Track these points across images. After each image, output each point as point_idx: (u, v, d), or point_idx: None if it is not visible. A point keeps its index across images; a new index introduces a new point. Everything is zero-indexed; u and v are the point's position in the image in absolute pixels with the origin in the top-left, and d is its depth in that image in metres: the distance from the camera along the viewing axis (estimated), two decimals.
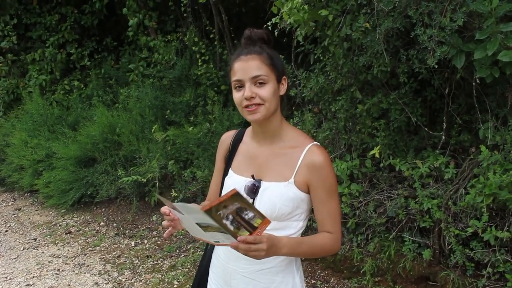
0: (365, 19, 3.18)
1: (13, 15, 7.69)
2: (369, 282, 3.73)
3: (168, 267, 4.50)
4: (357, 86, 3.79)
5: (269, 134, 1.71)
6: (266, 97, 1.59)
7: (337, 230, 1.67)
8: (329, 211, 1.65)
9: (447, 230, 3.32)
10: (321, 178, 1.63)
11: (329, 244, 1.65)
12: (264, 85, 1.59)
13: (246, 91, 1.58)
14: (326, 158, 1.64)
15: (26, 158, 6.49)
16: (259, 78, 1.58)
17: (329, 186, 1.64)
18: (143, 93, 6.20)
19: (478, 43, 2.76)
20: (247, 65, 1.59)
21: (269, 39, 1.68)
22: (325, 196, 1.64)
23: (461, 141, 3.56)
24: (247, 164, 1.76)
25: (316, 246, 1.64)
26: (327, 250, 1.68)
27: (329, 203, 1.65)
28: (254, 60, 1.59)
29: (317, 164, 1.62)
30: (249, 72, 1.59)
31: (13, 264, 4.81)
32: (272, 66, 1.61)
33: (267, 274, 1.70)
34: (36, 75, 7.58)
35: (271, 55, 1.63)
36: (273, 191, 1.65)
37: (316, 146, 1.66)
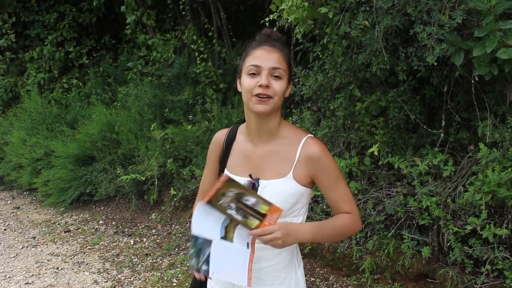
0: (364, 16, 3.18)
1: (11, 13, 7.68)
2: (368, 280, 3.74)
3: (167, 265, 4.50)
4: (356, 84, 3.80)
5: (265, 132, 1.70)
6: (278, 91, 1.61)
7: (354, 208, 1.71)
8: (340, 195, 1.69)
9: (446, 227, 3.32)
10: (323, 168, 1.65)
11: (350, 222, 1.68)
12: (279, 79, 1.61)
13: (263, 79, 1.59)
14: (323, 148, 1.66)
15: (24, 157, 6.49)
16: (277, 71, 1.61)
17: (332, 173, 1.67)
18: (142, 91, 6.19)
19: (477, 41, 2.76)
20: (269, 56, 1.61)
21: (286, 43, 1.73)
22: (331, 183, 1.67)
23: (460, 139, 3.56)
24: (242, 163, 1.75)
25: (339, 226, 1.67)
26: (350, 230, 1.72)
27: (337, 188, 1.68)
28: (276, 53, 1.62)
29: (315, 156, 1.64)
30: (269, 62, 1.60)
31: (12, 262, 4.81)
32: (289, 65, 1.66)
33: (272, 272, 1.72)
34: (35, 74, 7.57)
35: (288, 56, 1.69)
36: (273, 189, 1.65)
37: (311, 138, 1.68)
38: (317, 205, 3.99)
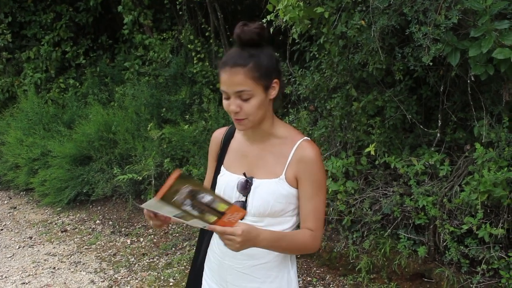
0: (360, 16, 3.18)
1: (8, 13, 7.65)
2: (365, 279, 3.74)
3: (164, 264, 4.50)
4: (352, 83, 3.80)
5: (259, 134, 1.69)
6: (250, 112, 1.55)
7: (319, 228, 1.65)
8: (314, 207, 1.64)
9: (442, 227, 3.33)
10: (309, 173, 1.61)
11: (309, 242, 1.63)
12: (249, 100, 1.54)
13: (231, 105, 1.55)
14: (316, 153, 1.62)
15: (21, 157, 6.47)
16: (242, 93, 1.53)
17: (316, 182, 1.62)
18: (139, 91, 6.19)
19: (473, 41, 2.77)
20: (231, 79, 1.52)
21: (262, 37, 1.56)
22: (311, 192, 1.62)
23: (456, 139, 3.57)
24: (238, 161, 1.74)
25: (296, 243, 1.63)
26: (307, 249, 1.67)
27: (315, 200, 1.63)
28: (238, 74, 1.51)
29: (306, 158, 1.61)
30: (233, 87, 1.53)
31: (9, 262, 4.80)
32: (258, 78, 1.53)
33: (263, 269, 1.71)
34: (31, 73, 7.55)
35: (259, 64, 1.54)
36: (265, 188, 1.64)
37: (307, 141, 1.64)
38: None
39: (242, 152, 1.75)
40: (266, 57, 1.56)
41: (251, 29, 1.54)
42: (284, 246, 1.61)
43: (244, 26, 1.54)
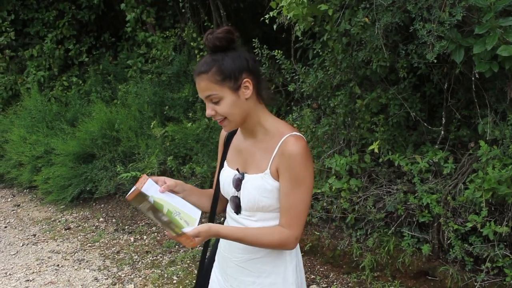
0: (364, 13, 3.17)
1: (11, 11, 7.67)
2: (368, 277, 3.74)
3: (168, 262, 4.50)
4: (356, 81, 3.79)
5: (248, 130, 1.72)
6: (224, 112, 1.61)
7: (293, 226, 1.62)
8: (289, 203, 1.62)
9: (446, 225, 3.32)
10: (288, 167, 1.60)
11: (279, 239, 1.63)
12: (219, 102, 1.61)
13: (207, 110, 1.64)
14: (299, 148, 1.59)
15: (24, 155, 6.49)
16: (211, 97, 1.60)
17: (295, 177, 1.60)
18: (142, 89, 6.19)
19: (477, 38, 2.76)
20: (199, 87, 1.62)
21: (227, 41, 1.61)
22: (288, 187, 1.61)
23: (460, 136, 3.56)
24: (236, 157, 1.80)
25: (263, 240, 1.64)
26: (279, 245, 1.66)
27: (292, 196, 1.61)
28: (202, 81, 1.60)
29: (286, 152, 1.60)
30: (202, 93, 1.62)
31: (13, 259, 4.81)
32: (221, 81, 1.59)
33: (257, 264, 1.74)
34: (34, 71, 7.56)
35: (221, 68, 1.59)
36: (252, 184, 1.68)
37: (293, 136, 1.62)
38: (317, 202, 4.00)
39: (239, 148, 1.79)
40: (230, 59, 1.60)
41: (214, 36, 1.60)
42: (251, 242, 1.64)
43: (209, 34, 1.61)
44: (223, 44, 1.61)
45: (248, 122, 1.69)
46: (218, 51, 1.62)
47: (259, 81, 1.67)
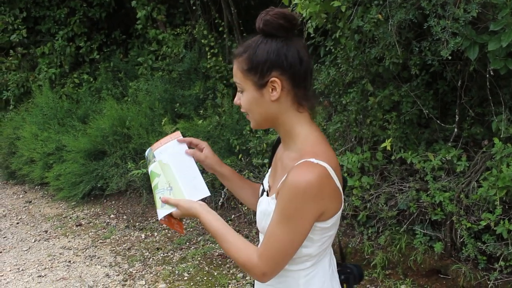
0: (377, 10, 3.15)
1: (23, 9, 7.72)
2: (380, 275, 3.73)
3: (179, 259, 4.51)
4: (368, 78, 3.78)
5: (282, 137, 1.51)
6: (245, 106, 1.42)
7: (264, 260, 1.37)
8: (269, 235, 1.37)
9: (459, 223, 3.30)
10: (283, 196, 1.34)
11: (241, 260, 1.41)
12: (242, 93, 1.42)
13: (236, 98, 1.47)
14: (304, 180, 1.30)
15: (36, 151, 6.54)
16: (236, 85, 1.43)
17: (282, 210, 1.34)
18: (153, 86, 6.21)
19: (492, 35, 2.74)
20: (233, 70, 1.45)
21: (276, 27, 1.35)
22: (275, 217, 1.36)
23: (474, 134, 3.53)
24: (273, 168, 1.60)
25: (229, 250, 1.44)
26: (245, 267, 1.41)
27: (273, 228, 1.36)
28: (234, 64, 1.42)
29: (288, 179, 1.32)
30: (234, 78, 1.45)
31: (25, 255, 4.85)
32: (247, 71, 1.37)
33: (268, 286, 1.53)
34: (46, 69, 7.61)
35: (251, 57, 1.37)
36: (261, 206, 1.51)
37: (307, 163, 1.33)
38: None
39: (276, 157, 1.59)
40: (265, 50, 1.36)
41: (263, 17, 1.36)
42: (220, 243, 1.46)
43: (262, 13, 1.37)
44: (269, 30, 1.35)
45: (278, 129, 1.46)
46: (267, 36, 1.37)
47: (297, 86, 1.39)
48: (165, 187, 1.56)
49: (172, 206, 1.53)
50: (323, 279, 1.51)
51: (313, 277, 1.48)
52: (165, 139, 1.68)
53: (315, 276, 1.49)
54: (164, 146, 1.65)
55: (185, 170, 1.60)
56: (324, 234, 1.43)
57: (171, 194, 1.55)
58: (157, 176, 1.59)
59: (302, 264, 1.45)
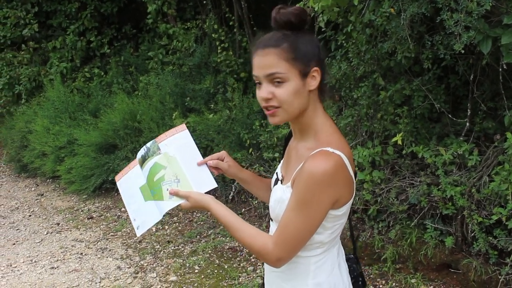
0: (389, 4, 3.15)
1: (34, 3, 7.77)
2: (390, 269, 3.73)
3: (189, 252, 4.55)
4: (379, 72, 3.77)
5: (298, 130, 1.52)
6: (284, 99, 1.38)
7: (279, 246, 1.40)
8: (285, 222, 1.41)
9: (470, 217, 3.30)
10: (300, 183, 1.37)
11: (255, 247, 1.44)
12: (282, 84, 1.37)
13: (263, 91, 1.39)
14: (322, 168, 1.34)
15: (48, 145, 6.59)
16: (274, 76, 1.37)
17: (299, 197, 1.37)
18: (163, 80, 6.23)
19: (506, 28, 2.72)
20: (263, 61, 1.38)
21: (301, 20, 1.40)
22: (292, 204, 1.40)
23: (485, 128, 3.52)
24: (285, 157, 1.63)
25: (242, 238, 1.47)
26: (258, 255, 1.46)
27: (289, 215, 1.40)
28: (270, 55, 1.37)
29: (305, 167, 1.37)
30: (264, 69, 1.38)
31: (38, 247, 4.91)
32: (293, 60, 1.36)
33: (278, 278, 1.59)
34: (57, 63, 7.66)
35: (294, 46, 1.37)
36: (275, 194, 1.53)
37: (324, 151, 1.37)
38: None
39: (289, 147, 1.61)
40: (304, 40, 1.40)
41: (289, 11, 1.39)
42: (232, 233, 1.49)
43: (281, 8, 1.40)
44: (297, 22, 1.39)
45: (300, 119, 1.46)
46: (289, 29, 1.40)
47: (324, 75, 1.45)
48: (172, 179, 1.57)
49: (180, 198, 1.53)
50: (332, 266, 1.56)
51: (323, 264, 1.54)
52: (170, 131, 1.68)
53: (325, 263, 1.54)
54: (170, 139, 1.65)
55: (192, 162, 1.62)
56: (335, 222, 1.48)
57: (179, 186, 1.55)
58: (162, 168, 1.59)
59: (313, 250, 1.50)
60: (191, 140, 1.66)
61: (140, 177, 1.63)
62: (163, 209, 1.55)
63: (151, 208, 1.57)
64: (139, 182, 1.63)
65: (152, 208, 1.56)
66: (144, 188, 1.60)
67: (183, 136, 1.65)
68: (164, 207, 1.55)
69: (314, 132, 1.46)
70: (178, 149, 1.63)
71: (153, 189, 1.58)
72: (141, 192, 1.61)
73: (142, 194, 1.60)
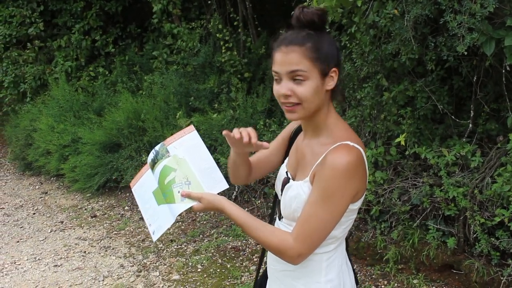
0: (393, 5, 3.16)
1: (40, 2, 7.80)
2: (392, 270, 3.74)
3: (192, 251, 4.56)
4: (383, 73, 3.78)
5: (311, 128, 1.55)
6: (304, 96, 1.42)
7: (301, 241, 1.42)
8: (307, 216, 1.43)
9: (472, 218, 3.30)
10: (323, 176, 1.41)
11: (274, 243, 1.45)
12: (303, 82, 1.41)
13: (283, 88, 1.43)
14: (346, 160, 1.39)
15: (52, 143, 6.62)
16: (296, 73, 1.41)
17: (324, 189, 1.40)
18: (167, 80, 6.25)
19: (509, 30, 2.73)
20: (286, 58, 1.42)
21: (323, 21, 1.45)
22: (314, 198, 1.42)
23: (488, 130, 3.53)
24: (293, 156, 1.65)
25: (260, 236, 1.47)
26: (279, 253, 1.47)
27: (313, 208, 1.42)
28: (294, 52, 1.41)
29: (328, 160, 1.40)
30: (287, 66, 1.42)
31: (41, 245, 4.94)
32: (315, 59, 1.41)
33: (289, 277, 1.60)
34: (62, 62, 7.69)
35: (317, 46, 1.42)
36: (291, 191, 1.54)
37: (345, 145, 1.43)
38: None
39: (296, 147, 1.64)
40: (326, 41, 1.45)
41: (312, 11, 1.43)
42: (250, 232, 1.49)
43: (304, 8, 1.44)
44: (320, 22, 1.44)
45: (315, 117, 1.50)
46: (312, 29, 1.44)
47: (341, 75, 1.51)
48: (183, 181, 1.56)
49: (193, 200, 1.53)
50: (341, 263, 1.61)
51: (334, 260, 1.58)
52: (178, 133, 1.67)
53: (335, 259, 1.58)
54: (179, 141, 1.64)
55: (202, 164, 1.61)
56: (350, 216, 1.53)
57: (190, 188, 1.54)
58: (172, 170, 1.58)
59: (327, 246, 1.54)
60: (201, 141, 1.65)
61: (153, 181, 1.63)
62: (176, 212, 1.53)
63: (164, 211, 1.56)
64: (152, 186, 1.62)
65: (165, 212, 1.55)
66: (157, 192, 1.60)
67: (191, 137, 1.64)
68: (176, 209, 1.54)
69: (327, 129, 1.51)
70: (187, 150, 1.62)
71: (165, 192, 1.57)
72: (154, 196, 1.60)
73: (155, 198, 1.59)
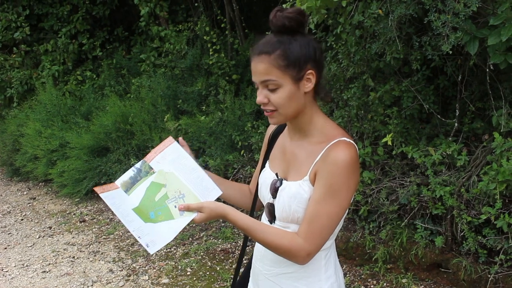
0: (377, 5, 3.16)
1: (26, 6, 7.75)
2: (381, 269, 3.75)
3: (181, 254, 4.54)
4: (369, 73, 3.79)
5: (298, 129, 1.55)
6: (278, 103, 1.43)
7: (310, 240, 1.42)
8: (315, 213, 1.42)
9: (459, 217, 3.32)
10: (328, 173, 1.41)
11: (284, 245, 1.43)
12: (276, 89, 1.42)
13: (259, 96, 1.45)
14: (348, 155, 1.40)
15: (40, 148, 6.57)
16: (268, 83, 1.42)
17: (330, 185, 1.41)
18: (155, 83, 6.23)
19: (492, 29, 2.75)
20: (257, 68, 1.43)
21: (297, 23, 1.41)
22: (321, 195, 1.42)
23: (474, 129, 3.55)
24: (279, 158, 1.63)
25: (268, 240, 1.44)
26: (287, 255, 1.45)
27: (320, 205, 1.42)
28: (262, 63, 1.41)
29: (331, 157, 1.41)
30: (258, 76, 1.43)
31: (30, 251, 4.89)
32: (285, 67, 1.40)
33: (289, 279, 1.58)
34: (49, 66, 7.65)
35: (286, 52, 1.40)
36: (288, 192, 1.52)
37: (344, 141, 1.44)
38: None
39: (283, 148, 1.62)
40: (298, 45, 1.42)
41: (284, 14, 1.40)
42: (256, 237, 1.45)
43: (278, 11, 1.42)
44: (293, 25, 1.41)
45: (299, 119, 1.51)
46: (285, 32, 1.42)
47: (321, 76, 1.48)
48: (176, 195, 1.51)
49: (192, 212, 1.47)
50: (335, 259, 1.64)
51: (330, 257, 1.59)
52: (158, 148, 1.61)
53: (331, 256, 1.60)
54: (160, 155, 1.58)
55: (191, 174, 1.56)
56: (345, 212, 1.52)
57: (185, 200, 1.49)
58: (162, 186, 1.53)
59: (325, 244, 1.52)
60: (183, 152, 1.59)
61: (128, 200, 1.55)
62: (178, 228, 1.46)
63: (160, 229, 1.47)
64: (129, 204, 1.54)
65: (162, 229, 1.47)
66: (139, 210, 1.51)
67: (173, 149, 1.59)
68: (177, 225, 1.46)
69: (317, 128, 1.51)
70: (172, 163, 1.57)
71: (158, 210, 1.50)
72: (137, 214, 1.51)
73: (139, 216, 1.51)
